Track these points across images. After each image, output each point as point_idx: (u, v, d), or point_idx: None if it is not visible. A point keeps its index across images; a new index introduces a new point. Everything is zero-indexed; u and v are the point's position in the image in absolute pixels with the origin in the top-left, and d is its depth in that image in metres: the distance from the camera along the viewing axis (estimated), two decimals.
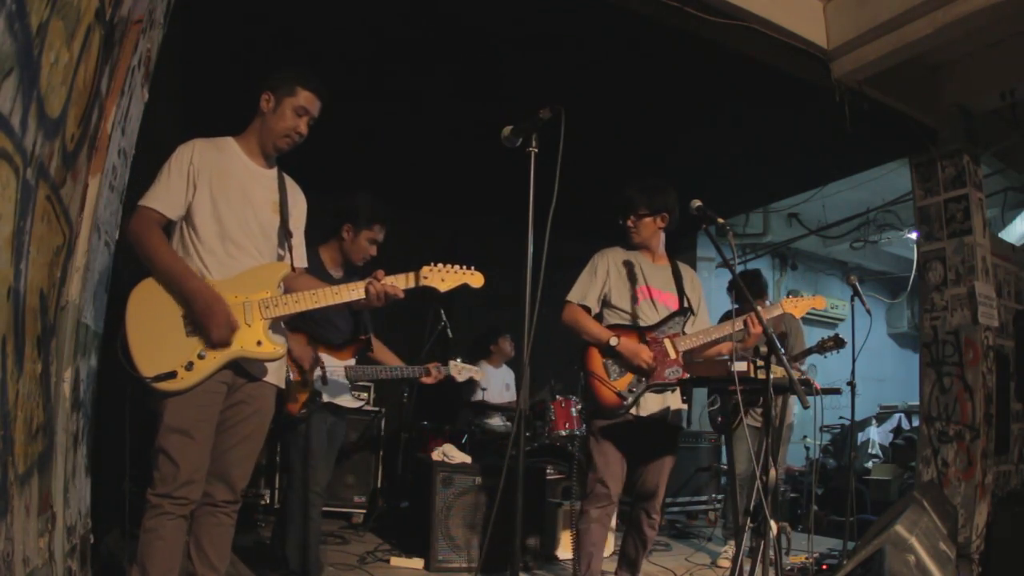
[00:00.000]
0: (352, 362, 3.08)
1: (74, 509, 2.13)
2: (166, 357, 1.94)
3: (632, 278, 2.97)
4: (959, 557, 3.41)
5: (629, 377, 2.83)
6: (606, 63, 3.96)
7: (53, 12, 1.48)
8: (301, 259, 2.33)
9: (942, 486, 4.20)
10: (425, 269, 2.23)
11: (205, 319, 1.95)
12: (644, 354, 2.79)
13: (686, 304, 2.98)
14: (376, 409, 4.85)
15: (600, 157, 4.88)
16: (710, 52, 3.69)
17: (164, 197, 2.04)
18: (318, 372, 2.88)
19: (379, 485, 4.71)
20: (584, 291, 2.96)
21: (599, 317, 2.99)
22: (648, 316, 2.94)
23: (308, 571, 2.87)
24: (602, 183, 5.39)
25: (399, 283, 2.18)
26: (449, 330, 4.77)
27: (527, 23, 3.60)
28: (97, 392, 2.36)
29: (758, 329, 2.71)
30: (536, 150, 2.10)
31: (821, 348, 3.89)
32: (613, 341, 2.82)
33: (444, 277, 2.24)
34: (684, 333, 2.91)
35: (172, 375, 1.92)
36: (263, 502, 4.34)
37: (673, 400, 2.90)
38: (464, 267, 2.28)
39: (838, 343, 3.80)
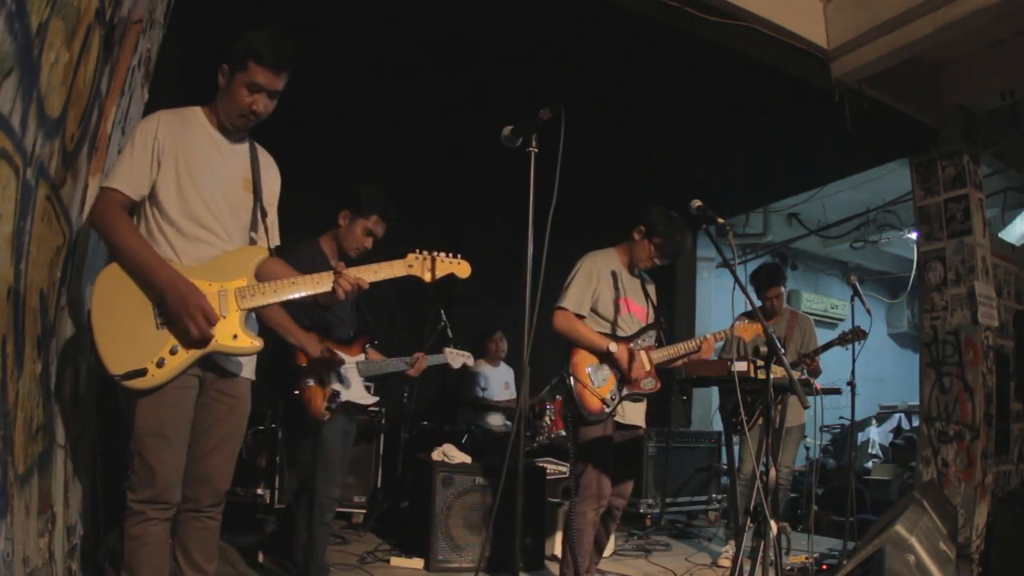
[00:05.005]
0: (362, 357, 3.04)
1: (74, 509, 2.14)
2: (135, 352, 1.78)
3: (616, 288, 3.06)
4: (959, 557, 3.40)
5: (610, 385, 2.93)
6: (605, 63, 3.96)
7: (53, 12, 1.49)
8: (275, 238, 2.17)
9: (942, 486, 4.20)
10: (411, 257, 2.09)
11: (181, 313, 1.78)
12: (638, 363, 2.91)
13: (660, 319, 3.15)
14: (376, 409, 4.84)
15: (600, 157, 4.88)
16: (710, 52, 3.69)
17: (128, 176, 1.87)
18: (339, 370, 2.85)
19: (379, 485, 4.71)
20: (580, 299, 2.98)
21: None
22: (626, 327, 3.05)
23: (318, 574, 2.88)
24: (602, 183, 5.42)
25: (367, 275, 2.02)
26: (449, 330, 4.77)
27: (527, 23, 3.60)
28: (97, 392, 2.36)
29: (710, 343, 3.05)
30: (536, 150, 2.10)
31: (843, 341, 3.83)
32: (612, 348, 2.89)
33: (430, 267, 2.09)
34: (659, 345, 3.07)
35: (142, 372, 1.76)
36: (263, 502, 4.33)
37: (643, 410, 3.10)
38: (452, 256, 2.15)
39: (858, 335, 3.76)
